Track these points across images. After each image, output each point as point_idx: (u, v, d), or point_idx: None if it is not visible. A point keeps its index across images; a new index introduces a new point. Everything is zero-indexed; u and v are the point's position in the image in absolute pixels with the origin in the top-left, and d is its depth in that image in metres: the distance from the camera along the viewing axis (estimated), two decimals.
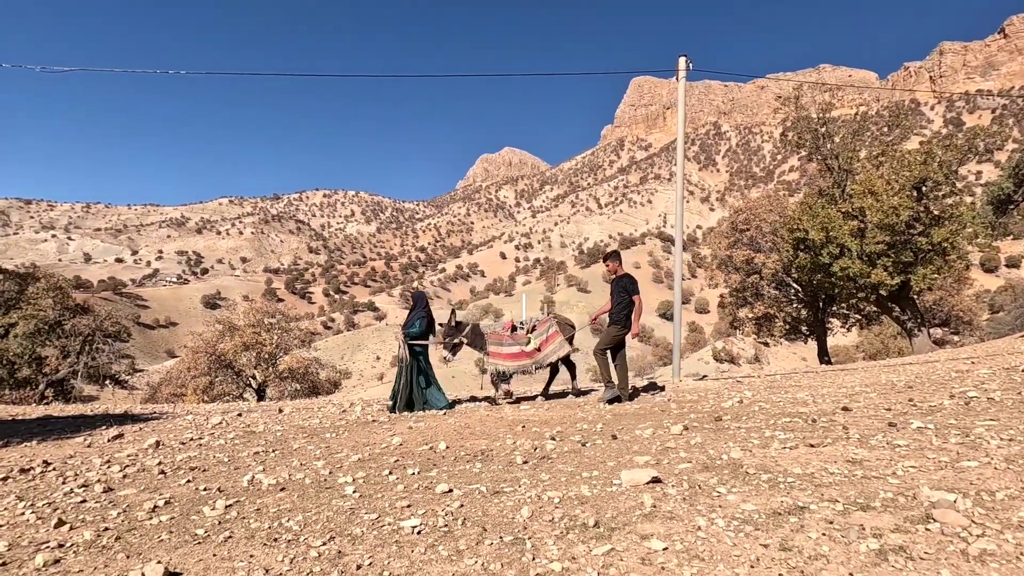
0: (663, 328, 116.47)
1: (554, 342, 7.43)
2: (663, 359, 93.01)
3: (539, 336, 7.45)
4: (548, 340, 7.44)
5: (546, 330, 7.50)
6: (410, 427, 5.60)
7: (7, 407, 12.57)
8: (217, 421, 7.20)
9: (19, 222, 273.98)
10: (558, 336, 7.44)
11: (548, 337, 7.45)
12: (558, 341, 7.42)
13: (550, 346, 7.42)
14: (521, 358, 7.44)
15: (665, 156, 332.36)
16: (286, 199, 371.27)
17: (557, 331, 7.48)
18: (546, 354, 7.41)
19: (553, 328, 7.51)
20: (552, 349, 7.41)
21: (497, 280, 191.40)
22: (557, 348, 7.40)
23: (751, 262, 23.75)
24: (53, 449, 5.34)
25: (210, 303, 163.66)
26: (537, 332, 7.49)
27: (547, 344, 7.42)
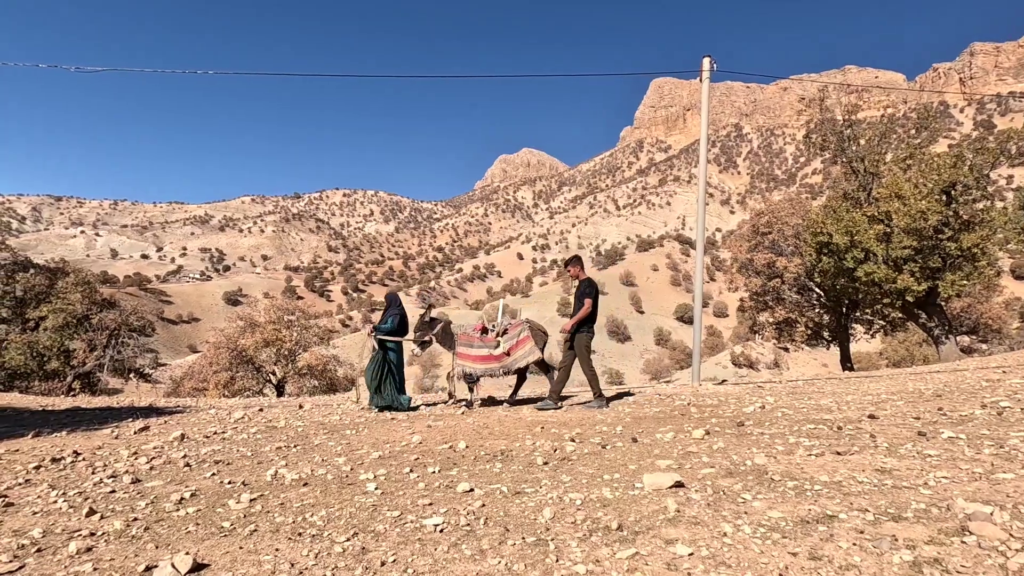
0: (680, 331, 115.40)
1: (524, 347, 7.28)
2: (680, 363, 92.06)
3: (509, 340, 7.33)
4: (518, 345, 7.30)
5: (517, 334, 7.37)
6: (429, 426, 5.63)
7: (37, 398, 12.93)
8: (239, 416, 7.31)
9: (50, 218, 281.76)
10: (528, 342, 7.29)
11: (518, 342, 7.31)
12: (528, 347, 7.27)
13: (519, 351, 7.29)
14: (489, 361, 7.37)
15: (685, 158, 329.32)
16: (307, 198, 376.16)
17: (528, 336, 7.33)
18: (515, 359, 7.29)
19: (524, 333, 7.36)
20: (521, 354, 7.28)
21: (514, 281, 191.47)
22: (527, 354, 7.26)
23: (772, 266, 23.41)
24: (82, 440, 5.47)
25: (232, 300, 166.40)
26: (507, 336, 7.39)
27: (516, 349, 7.29)
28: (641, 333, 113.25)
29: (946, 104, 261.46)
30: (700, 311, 9.44)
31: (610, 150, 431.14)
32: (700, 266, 9.48)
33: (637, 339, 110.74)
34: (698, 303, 9.44)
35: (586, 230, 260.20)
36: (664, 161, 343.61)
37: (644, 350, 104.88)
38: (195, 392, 27.89)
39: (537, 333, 7.39)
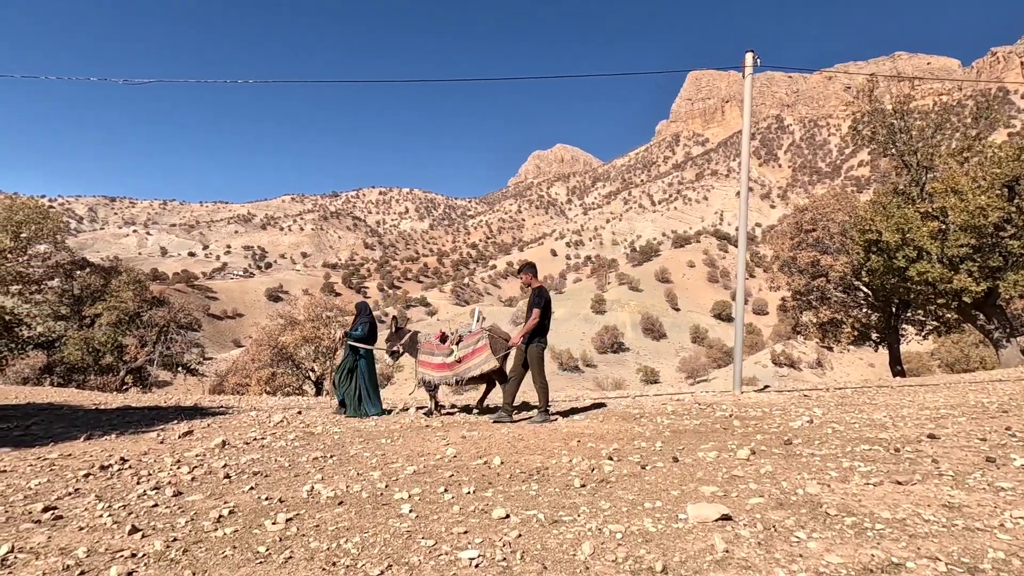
0: (717, 329, 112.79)
1: (479, 356, 7.16)
2: (717, 361, 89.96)
3: (464, 348, 7.26)
4: (473, 353, 7.19)
5: (473, 343, 7.27)
6: (463, 436, 5.58)
7: (92, 395, 13.53)
8: (278, 419, 7.43)
9: (104, 218, 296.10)
10: (484, 351, 7.14)
11: (474, 350, 7.20)
12: (483, 355, 7.13)
13: (474, 359, 7.18)
14: (443, 369, 7.34)
15: (723, 151, 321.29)
16: (344, 196, 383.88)
17: (485, 345, 7.17)
18: (468, 367, 7.20)
19: (482, 342, 7.21)
20: (476, 363, 7.16)
21: (547, 277, 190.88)
22: (482, 363, 7.13)
23: (817, 264, 22.53)
24: (130, 444, 5.64)
25: (273, 296, 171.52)
26: (462, 344, 7.32)
27: (471, 357, 7.19)
28: (677, 331, 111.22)
29: (1006, 90, 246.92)
30: (742, 319, 9.11)
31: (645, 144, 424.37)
32: (742, 271, 9.14)
33: (673, 337, 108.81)
34: (740, 310, 9.11)
35: (620, 226, 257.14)
36: (701, 155, 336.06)
37: (680, 348, 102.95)
38: (239, 388, 28.80)
39: (498, 341, 7.21)
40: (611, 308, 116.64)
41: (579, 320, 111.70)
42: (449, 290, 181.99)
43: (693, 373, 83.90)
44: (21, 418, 8.04)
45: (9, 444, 5.63)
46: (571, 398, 10.16)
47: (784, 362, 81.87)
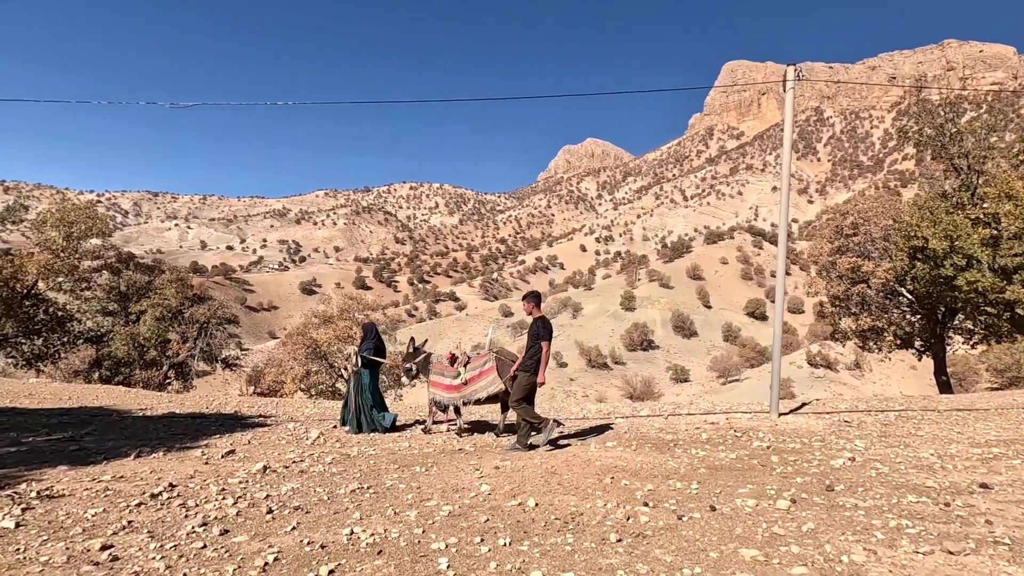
0: (751, 328, 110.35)
1: (486, 378, 7.29)
2: (750, 361, 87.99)
3: (471, 371, 7.43)
4: (480, 375, 7.33)
5: (480, 365, 7.42)
6: (496, 467, 5.61)
7: (139, 396, 14.10)
8: (315, 435, 7.62)
9: (148, 212, 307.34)
10: (491, 373, 7.26)
11: (481, 372, 7.34)
12: (490, 378, 7.25)
13: (480, 382, 7.33)
14: (452, 391, 7.53)
15: (759, 145, 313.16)
16: (375, 191, 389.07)
17: (492, 368, 7.29)
18: (473, 390, 7.36)
19: (489, 364, 7.34)
20: (482, 385, 7.31)
21: (576, 273, 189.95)
22: (487, 385, 7.26)
23: (857, 270, 21.79)
24: (176, 464, 5.86)
25: (307, 289, 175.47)
26: (470, 366, 7.48)
27: (477, 379, 7.34)
28: (708, 329, 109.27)
29: None
30: (779, 337, 8.87)
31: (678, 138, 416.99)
32: (781, 295, 8.88)
33: (704, 335, 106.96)
34: (778, 327, 8.87)
35: (651, 221, 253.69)
36: (736, 149, 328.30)
37: (711, 346, 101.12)
38: (275, 384, 29.58)
39: (505, 364, 7.24)
40: (641, 305, 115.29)
41: (608, 317, 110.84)
42: (478, 285, 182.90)
43: (725, 373, 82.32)
44: (76, 426, 8.44)
45: (66, 461, 5.92)
46: (578, 416, 10.11)
47: (820, 363, 79.54)
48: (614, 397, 75.59)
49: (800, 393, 64.83)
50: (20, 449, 6.56)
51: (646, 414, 9.59)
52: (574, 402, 75.16)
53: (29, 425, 8.41)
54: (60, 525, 3.94)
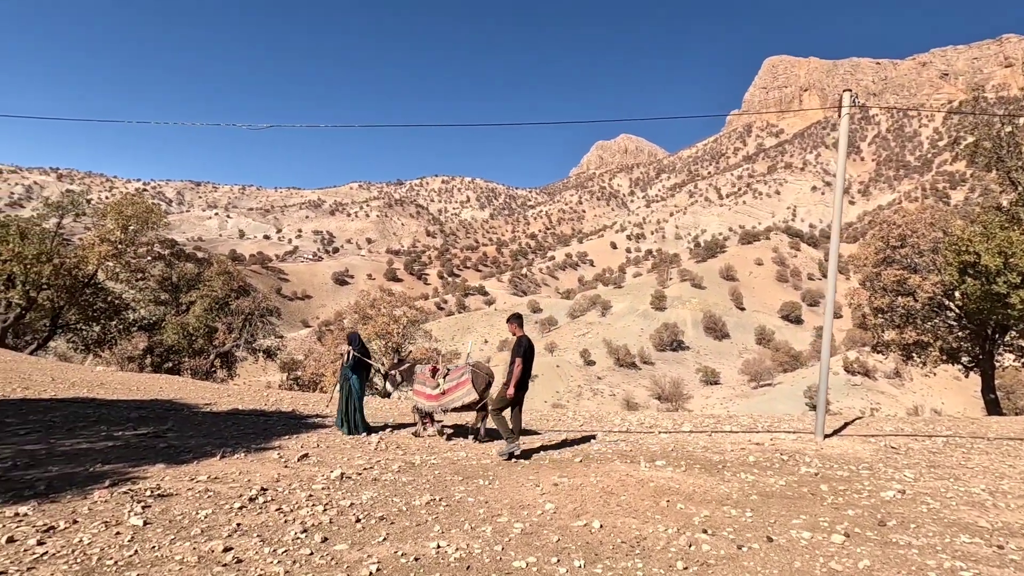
0: (785, 331, 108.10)
1: (461, 389, 7.98)
2: (783, 365, 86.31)
3: (449, 382, 8.13)
4: (457, 386, 8.03)
5: (457, 377, 8.08)
6: (555, 484, 5.96)
7: (198, 388, 14.95)
8: (376, 441, 8.11)
9: (190, 201, 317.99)
10: (466, 385, 7.93)
11: (457, 384, 8.04)
12: (465, 389, 7.94)
13: (456, 392, 8.03)
14: (432, 400, 8.29)
15: (799, 143, 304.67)
16: (408, 184, 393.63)
17: (467, 380, 7.95)
18: (451, 399, 8.07)
19: (465, 376, 8.00)
20: (458, 396, 8.01)
21: (606, 270, 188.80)
22: (463, 395, 7.97)
23: (904, 283, 21.35)
24: (258, 467, 6.39)
25: (339, 279, 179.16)
26: (448, 378, 8.18)
27: (454, 390, 8.05)
28: (741, 331, 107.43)
29: None
30: (827, 361, 8.94)
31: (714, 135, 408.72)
32: (830, 315, 8.94)
33: (736, 337, 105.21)
34: (826, 353, 8.94)
35: (684, 220, 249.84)
36: (775, 146, 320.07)
37: (743, 349, 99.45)
38: (315, 377, 30.63)
39: (479, 377, 7.97)
40: (672, 305, 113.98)
41: (637, 316, 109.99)
42: (507, 280, 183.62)
43: (757, 377, 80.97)
44: (155, 420, 9.14)
45: (161, 458, 6.52)
46: (620, 428, 10.34)
47: (858, 370, 77.50)
48: (642, 397, 75.24)
49: (835, 401, 63.38)
50: (116, 444, 7.22)
51: (688, 429, 9.80)
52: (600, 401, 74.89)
53: (114, 418, 9.14)
54: (180, 524, 4.46)
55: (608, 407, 73.23)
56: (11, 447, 6.72)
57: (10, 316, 23.58)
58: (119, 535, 4.16)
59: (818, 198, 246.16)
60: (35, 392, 11.30)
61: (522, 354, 7.06)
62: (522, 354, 7.06)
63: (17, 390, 11.23)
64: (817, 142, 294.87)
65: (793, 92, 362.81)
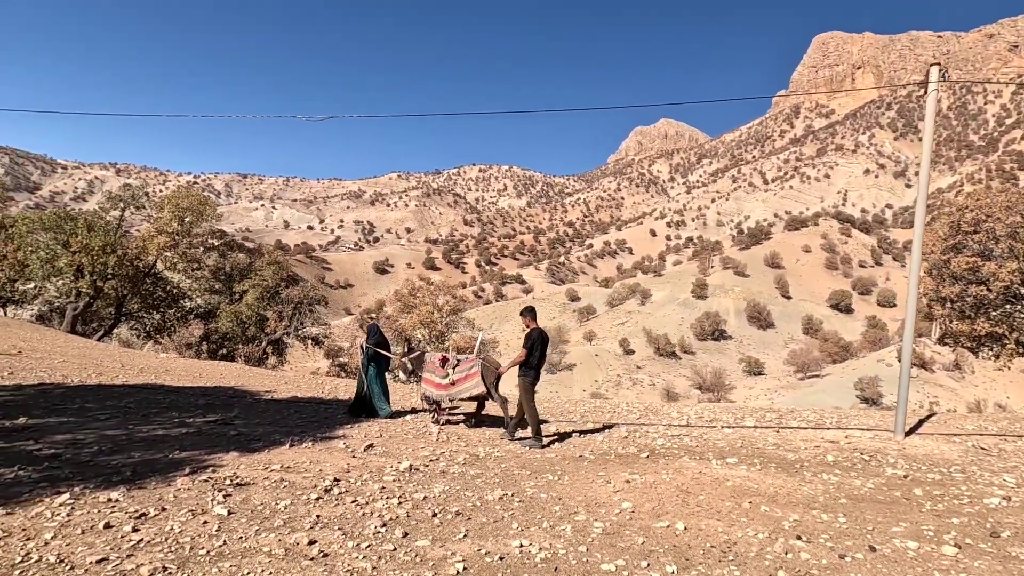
0: (833, 321, 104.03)
1: (470, 381, 8.20)
2: (832, 356, 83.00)
3: (458, 373, 8.34)
4: (466, 378, 8.25)
5: (467, 369, 8.31)
6: (627, 480, 5.79)
7: (256, 375, 15.40)
8: (436, 432, 8.11)
9: (238, 193, 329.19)
10: (475, 377, 8.14)
11: (467, 375, 8.26)
12: (474, 381, 8.15)
13: (464, 384, 8.25)
14: (440, 389, 8.48)
15: (851, 124, 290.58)
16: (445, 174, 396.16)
17: (477, 372, 8.15)
18: (459, 390, 8.31)
19: (474, 368, 8.21)
20: (466, 387, 8.24)
21: (645, 258, 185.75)
22: (471, 387, 8.19)
23: (976, 271, 20.00)
24: (327, 456, 6.46)
25: (380, 268, 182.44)
26: (458, 369, 8.39)
27: (463, 381, 8.27)
28: (786, 320, 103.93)
29: None
30: (909, 352, 8.40)
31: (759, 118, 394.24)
32: (912, 308, 8.37)
33: (781, 326, 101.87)
34: (907, 349, 8.40)
35: (727, 206, 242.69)
36: (825, 128, 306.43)
37: (789, 339, 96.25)
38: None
39: (488, 370, 8.19)
40: (713, 293, 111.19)
41: (678, 305, 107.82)
42: (545, 268, 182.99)
43: (804, 368, 78.23)
44: (221, 407, 9.41)
45: (233, 446, 6.67)
46: (679, 422, 10.03)
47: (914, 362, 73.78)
48: (682, 387, 73.83)
49: (889, 394, 60.64)
50: (189, 431, 7.44)
51: (752, 424, 9.44)
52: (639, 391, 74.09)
53: (183, 405, 9.46)
54: (262, 515, 4.51)
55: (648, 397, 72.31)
56: (95, 432, 7.00)
57: (79, 305, 24.89)
58: (206, 524, 4.24)
59: (871, 181, 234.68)
60: (108, 378, 11.84)
61: (529, 347, 7.35)
62: (529, 347, 7.35)
63: (92, 376, 11.79)
64: (871, 122, 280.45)
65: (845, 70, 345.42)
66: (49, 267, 22.96)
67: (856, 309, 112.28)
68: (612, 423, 9.50)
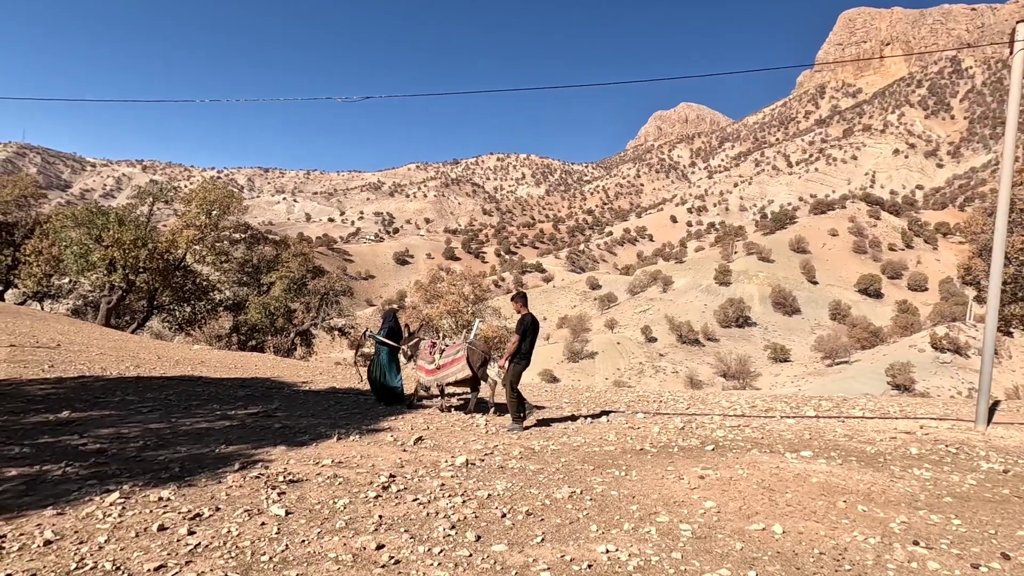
0: (862, 306, 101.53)
1: (456, 365, 8.30)
2: (861, 342, 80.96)
3: (445, 357, 8.44)
4: (452, 363, 8.34)
5: (453, 353, 8.39)
6: (701, 477, 5.37)
7: (290, 366, 15.30)
8: (483, 423, 7.78)
9: (260, 187, 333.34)
10: (461, 361, 8.22)
11: (452, 360, 8.34)
12: (459, 365, 8.25)
13: (451, 368, 8.36)
14: (430, 374, 8.63)
15: (879, 103, 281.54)
16: (464, 163, 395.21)
17: (463, 356, 8.22)
18: (446, 374, 8.43)
19: (460, 353, 8.28)
20: (452, 371, 8.35)
21: (666, 245, 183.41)
22: (457, 371, 8.30)
23: None
24: (376, 449, 6.17)
25: (400, 259, 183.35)
26: (444, 354, 8.49)
27: (449, 366, 8.37)
28: (813, 306, 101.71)
29: None
30: (992, 334, 7.78)
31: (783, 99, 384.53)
32: (996, 287, 7.74)
33: (808, 312, 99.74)
34: (990, 329, 7.78)
35: (750, 190, 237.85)
36: (852, 108, 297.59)
37: (816, 325, 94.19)
38: None
39: (475, 354, 8.25)
40: (737, 280, 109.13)
41: (700, 292, 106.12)
42: (564, 256, 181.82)
43: (832, 354, 76.42)
44: (261, 399, 9.23)
45: (280, 440, 6.42)
46: (732, 411, 9.55)
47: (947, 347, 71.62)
48: (706, 375, 72.84)
49: (922, 380, 58.94)
50: (233, 424, 7.23)
51: (812, 414, 8.93)
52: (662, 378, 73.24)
53: (223, 397, 9.30)
54: (321, 515, 4.22)
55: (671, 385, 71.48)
56: (138, 426, 6.83)
57: (113, 298, 25.19)
58: (264, 526, 3.96)
59: (900, 162, 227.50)
60: (146, 370, 11.79)
61: (521, 332, 7.36)
62: (521, 332, 7.36)
63: (131, 368, 11.74)
64: (900, 101, 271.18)
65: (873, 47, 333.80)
66: (83, 261, 23.22)
67: (886, 294, 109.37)
68: (660, 412, 9.09)
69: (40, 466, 5.12)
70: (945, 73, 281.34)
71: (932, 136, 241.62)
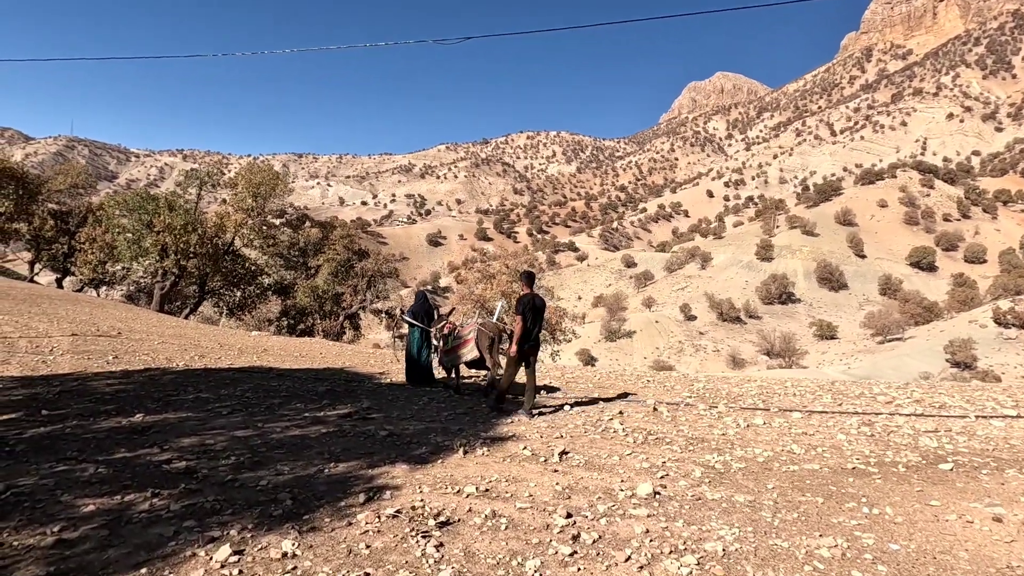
0: (914, 280, 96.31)
1: (464, 347, 8.14)
2: (915, 318, 76.63)
3: (454, 340, 8.31)
4: (461, 344, 8.18)
5: (464, 335, 8.20)
6: (996, 519, 3.93)
7: (355, 353, 14.32)
8: (619, 428, 6.47)
9: (294, 172, 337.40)
10: (470, 343, 8.05)
11: (463, 341, 8.16)
12: (468, 348, 8.09)
13: (461, 349, 8.21)
14: (443, 355, 8.54)
15: (931, 64, 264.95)
16: (493, 143, 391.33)
17: (472, 339, 8.03)
18: (456, 356, 8.30)
19: (470, 335, 8.08)
20: (462, 353, 8.21)
21: (703, 221, 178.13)
22: (467, 352, 8.14)
23: None
24: (516, 468, 4.95)
25: (433, 241, 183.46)
26: (455, 335, 8.34)
27: (460, 347, 8.22)
28: (861, 281, 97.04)
29: None
30: None
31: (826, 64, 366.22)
32: None
33: (855, 287, 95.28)
34: None
35: (790, 161, 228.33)
36: (901, 71, 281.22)
37: (865, 300, 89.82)
38: None
39: (484, 335, 8.00)
40: (779, 255, 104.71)
41: (741, 268, 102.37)
42: (597, 235, 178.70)
43: (883, 331, 72.53)
44: (346, 396, 8.11)
45: (394, 454, 5.25)
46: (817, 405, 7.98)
47: (1012, 322, 66.95)
48: (749, 353, 70.20)
49: (985, 357, 55.18)
50: (329, 430, 6.09)
51: (909, 412, 7.31)
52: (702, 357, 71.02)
53: (302, 392, 8.24)
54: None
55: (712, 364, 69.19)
56: (222, 433, 5.77)
57: (166, 284, 24.83)
58: None
59: (955, 127, 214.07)
60: (211, 360, 10.90)
61: (522, 312, 6.98)
62: (522, 312, 6.98)
63: (196, 358, 10.87)
64: (955, 61, 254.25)
65: (925, 5, 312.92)
66: (136, 248, 22.82)
67: (940, 267, 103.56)
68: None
69: (122, 495, 4.05)
70: (1006, 29, 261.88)
71: (991, 98, 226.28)
